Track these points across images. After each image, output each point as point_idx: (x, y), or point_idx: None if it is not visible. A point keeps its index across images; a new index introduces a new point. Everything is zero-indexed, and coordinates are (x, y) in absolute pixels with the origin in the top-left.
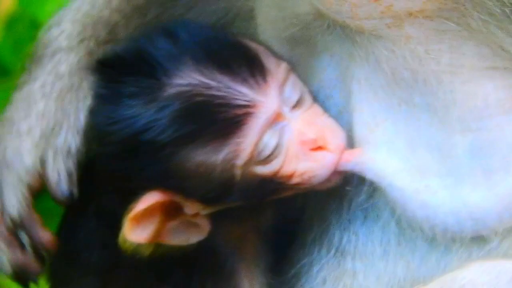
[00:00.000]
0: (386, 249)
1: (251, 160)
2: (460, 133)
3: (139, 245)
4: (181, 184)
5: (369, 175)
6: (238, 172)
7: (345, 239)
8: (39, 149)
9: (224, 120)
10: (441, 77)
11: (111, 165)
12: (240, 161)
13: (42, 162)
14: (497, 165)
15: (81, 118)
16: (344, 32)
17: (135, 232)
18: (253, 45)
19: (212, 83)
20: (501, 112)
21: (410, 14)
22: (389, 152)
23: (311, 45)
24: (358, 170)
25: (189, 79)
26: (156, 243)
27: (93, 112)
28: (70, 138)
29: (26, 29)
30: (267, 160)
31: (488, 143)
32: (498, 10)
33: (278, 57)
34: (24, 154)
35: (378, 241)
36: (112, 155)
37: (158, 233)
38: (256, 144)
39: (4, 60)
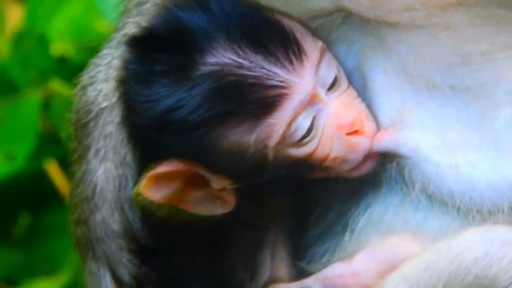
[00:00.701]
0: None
1: (284, 142)
2: (500, 107)
3: (151, 203)
4: (211, 161)
5: (404, 151)
6: (270, 152)
7: (349, 214)
8: (117, 209)
9: (257, 101)
10: (484, 58)
11: (140, 135)
12: (272, 142)
13: (124, 218)
14: None
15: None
16: (367, 26)
17: (151, 190)
18: (288, 22)
19: (245, 63)
20: None
21: (452, 4)
22: (424, 131)
23: (325, 35)
24: (392, 148)
25: (222, 58)
26: (172, 207)
27: (124, 85)
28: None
29: (34, 45)
30: (301, 142)
31: None
32: None
33: (315, 34)
34: (108, 222)
35: (384, 214)
36: (142, 128)
37: (176, 198)
38: (289, 126)
39: (12, 76)
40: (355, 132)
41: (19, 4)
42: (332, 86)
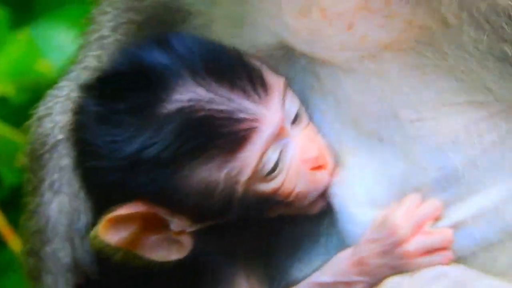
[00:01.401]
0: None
1: (255, 176)
2: (426, 168)
3: (108, 246)
4: (176, 201)
5: (336, 202)
6: (240, 189)
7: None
8: (68, 241)
9: (228, 135)
10: (412, 112)
11: (102, 178)
12: (243, 177)
13: (74, 252)
14: (456, 198)
15: None
16: (307, 64)
17: (108, 233)
18: (250, 58)
19: (214, 97)
20: (469, 146)
21: (386, 47)
22: (357, 183)
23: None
24: (330, 193)
25: (189, 93)
26: (128, 251)
27: (81, 129)
28: (90, 217)
29: None
30: (269, 177)
31: (453, 178)
32: (473, 48)
33: (275, 71)
34: (59, 255)
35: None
36: (106, 171)
37: (133, 242)
38: (261, 159)
39: None
40: (319, 167)
41: None
42: (294, 121)
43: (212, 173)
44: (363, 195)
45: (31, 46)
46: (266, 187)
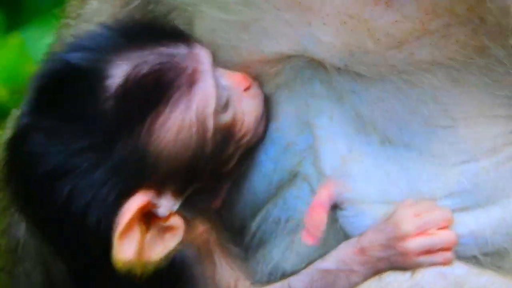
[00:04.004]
0: None
1: (218, 107)
2: (449, 172)
3: (130, 264)
4: (158, 168)
5: (343, 202)
6: (210, 123)
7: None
8: (40, 262)
9: (180, 77)
10: (446, 120)
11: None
12: (210, 108)
13: (47, 271)
14: (474, 204)
15: None
16: (315, 72)
17: (122, 249)
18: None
19: (149, 57)
20: (494, 155)
21: (432, 63)
22: (367, 183)
23: (268, 79)
24: (338, 201)
25: (123, 66)
26: (144, 261)
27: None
28: None
29: None
30: (225, 107)
31: (475, 184)
32: None
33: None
34: (31, 275)
35: None
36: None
37: (141, 247)
38: (216, 88)
39: None
40: (249, 87)
41: None
42: None
43: (183, 116)
44: (375, 194)
45: (23, 50)
46: (226, 117)
